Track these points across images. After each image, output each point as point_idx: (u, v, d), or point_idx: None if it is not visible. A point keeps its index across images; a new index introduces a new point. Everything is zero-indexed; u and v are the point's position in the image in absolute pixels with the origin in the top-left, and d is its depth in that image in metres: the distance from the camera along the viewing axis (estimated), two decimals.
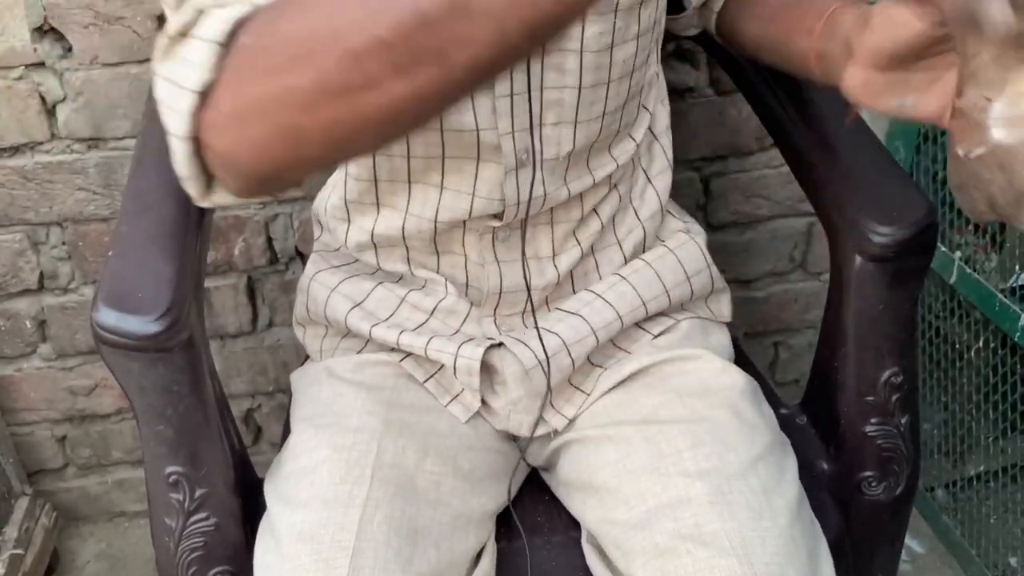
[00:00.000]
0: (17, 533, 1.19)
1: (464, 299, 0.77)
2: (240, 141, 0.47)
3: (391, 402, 0.74)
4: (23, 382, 1.24)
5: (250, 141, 0.47)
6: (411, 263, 0.78)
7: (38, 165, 1.10)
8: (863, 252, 0.74)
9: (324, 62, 0.43)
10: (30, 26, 1.02)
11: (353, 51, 0.42)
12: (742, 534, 0.63)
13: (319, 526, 0.63)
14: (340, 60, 0.43)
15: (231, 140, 0.48)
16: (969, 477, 1.27)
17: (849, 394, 0.80)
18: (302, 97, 0.44)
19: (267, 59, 0.45)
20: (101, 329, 0.66)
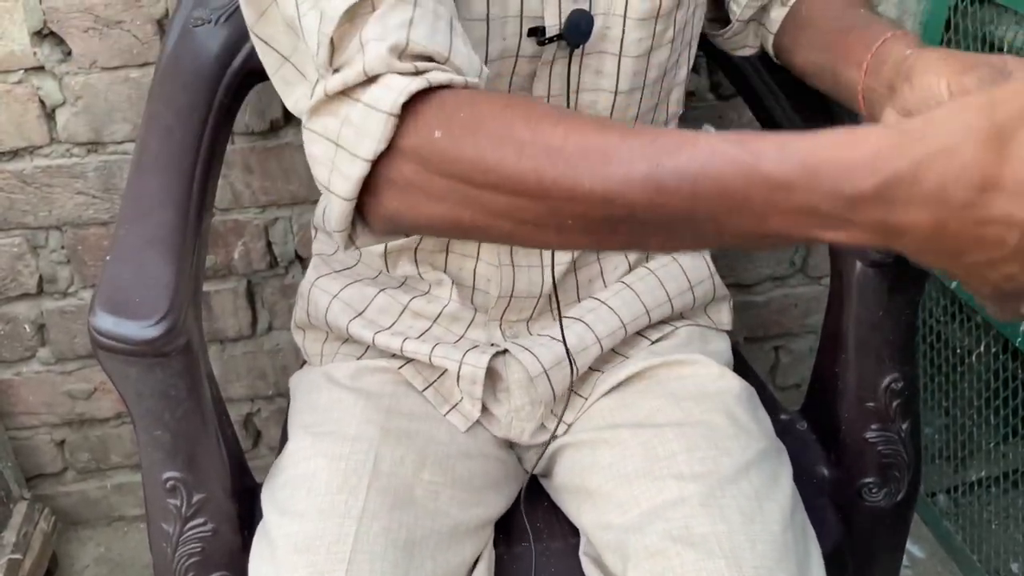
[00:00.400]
0: (16, 538, 1.19)
1: (468, 305, 0.77)
2: (412, 211, 0.50)
3: (390, 409, 0.74)
4: (22, 386, 1.24)
5: (422, 215, 0.50)
6: (418, 262, 0.77)
7: (37, 169, 1.10)
8: (863, 257, 0.74)
9: (520, 201, 0.46)
10: (29, 30, 1.01)
11: (554, 203, 0.45)
12: (732, 538, 0.63)
13: (315, 537, 0.63)
14: (534, 203, 0.46)
15: (404, 209, 0.50)
16: (970, 482, 1.27)
17: (850, 400, 0.80)
18: (485, 216, 0.48)
19: (460, 169, 0.47)
20: (98, 334, 0.65)
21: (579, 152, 0.45)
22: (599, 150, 0.44)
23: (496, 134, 0.46)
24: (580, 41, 0.64)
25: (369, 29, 0.50)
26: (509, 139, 0.46)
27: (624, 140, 0.44)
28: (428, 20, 0.52)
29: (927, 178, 0.39)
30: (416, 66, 0.49)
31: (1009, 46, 1.03)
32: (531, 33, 0.63)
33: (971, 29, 1.08)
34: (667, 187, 0.43)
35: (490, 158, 0.46)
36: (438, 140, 0.47)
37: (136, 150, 0.83)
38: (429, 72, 0.49)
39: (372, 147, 0.48)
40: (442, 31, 0.52)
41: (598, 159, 0.44)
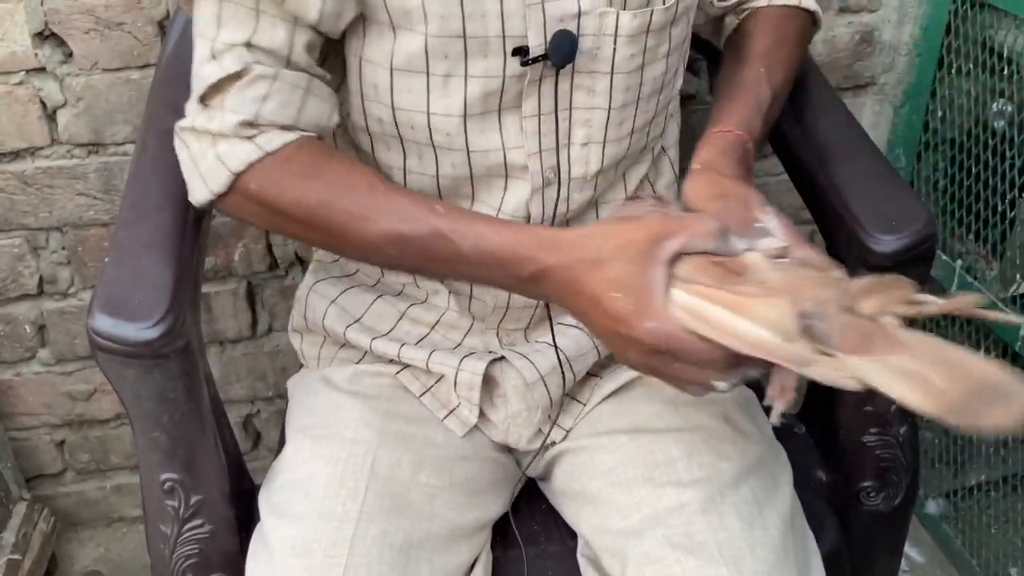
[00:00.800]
0: (15, 538, 1.19)
1: (466, 314, 0.77)
2: (243, 218, 0.70)
3: (387, 413, 0.74)
4: (22, 387, 1.24)
5: (251, 221, 0.69)
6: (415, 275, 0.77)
7: (38, 170, 1.10)
8: (863, 261, 0.74)
9: (317, 235, 0.67)
10: (31, 31, 1.02)
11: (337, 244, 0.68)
12: (732, 544, 0.63)
13: (312, 540, 0.63)
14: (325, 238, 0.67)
15: (238, 216, 0.70)
16: (970, 486, 1.26)
17: (848, 404, 0.80)
18: (296, 236, 0.70)
19: (271, 208, 0.66)
20: (96, 335, 0.66)
21: (353, 214, 0.63)
22: (363, 212, 0.63)
23: (299, 190, 0.64)
24: (564, 62, 0.64)
25: (230, 99, 0.64)
26: (308, 194, 0.64)
27: (381, 200, 0.63)
28: (283, 95, 0.65)
29: (561, 277, 0.59)
30: (254, 135, 0.65)
31: (1009, 50, 1.03)
32: (515, 53, 0.63)
33: (971, 33, 1.08)
34: (404, 247, 0.62)
35: (290, 208, 0.65)
36: (258, 190, 0.65)
37: (136, 151, 0.83)
38: (268, 139, 0.65)
39: (216, 188, 0.66)
40: (294, 103, 0.66)
41: (362, 218, 0.63)
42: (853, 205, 0.75)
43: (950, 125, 1.16)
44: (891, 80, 1.22)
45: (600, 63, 0.66)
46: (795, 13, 0.82)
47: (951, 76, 1.14)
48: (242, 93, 0.64)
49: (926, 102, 1.18)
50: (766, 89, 0.74)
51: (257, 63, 0.64)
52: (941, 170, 1.20)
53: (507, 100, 0.66)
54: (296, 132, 0.65)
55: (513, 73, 0.64)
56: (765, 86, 0.75)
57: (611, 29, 0.65)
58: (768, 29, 0.80)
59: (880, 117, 1.24)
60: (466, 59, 0.64)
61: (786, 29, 0.81)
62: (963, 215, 1.15)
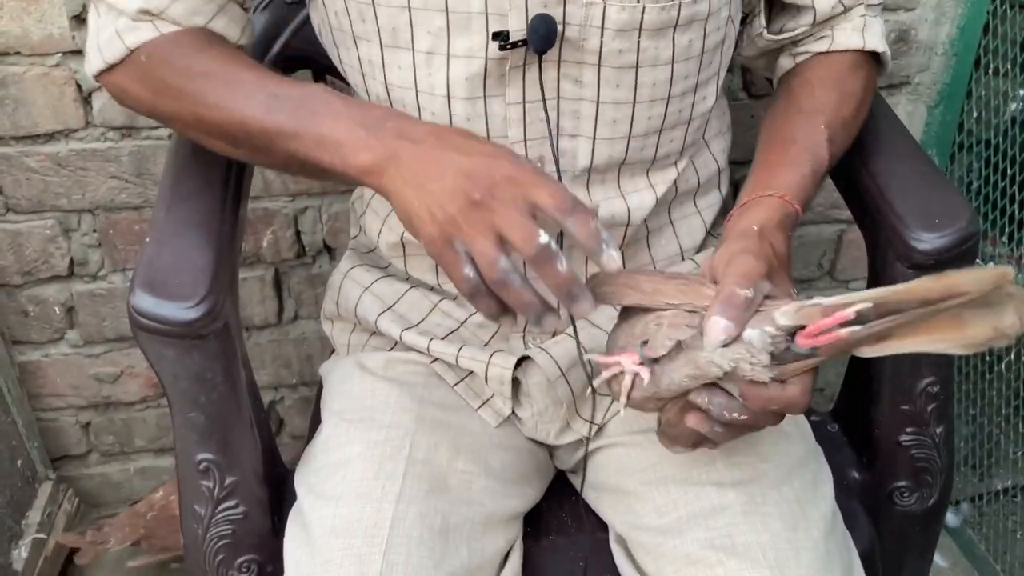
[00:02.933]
0: (40, 517, 1.20)
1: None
2: (122, 95, 0.73)
3: (423, 399, 0.74)
4: (50, 368, 1.25)
5: (129, 99, 0.73)
6: (439, 273, 0.77)
7: (72, 152, 1.10)
8: (904, 259, 0.73)
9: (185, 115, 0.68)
10: (69, 14, 1.02)
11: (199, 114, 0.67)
12: (776, 546, 0.62)
13: (352, 521, 0.63)
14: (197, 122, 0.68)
15: (117, 92, 0.73)
16: (995, 491, 1.26)
17: (884, 403, 0.79)
18: (170, 118, 0.71)
19: (152, 81, 0.69)
20: (137, 314, 0.66)
21: (232, 78, 0.65)
22: (239, 79, 0.65)
23: (185, 61, 0.67)
24: (543, 47, 0.63)
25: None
26: (194, 65, 0.67)
27: (260, 71, 0.66)
28: (195, 2, 0.68)
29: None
30: (156, 21, 0.68)
31: None
32: (495, 37, 0.63)
33: (1009, 33, 1.07)
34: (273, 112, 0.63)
35: (174, 76, 0.67)
36: (147, 62, 0.68)
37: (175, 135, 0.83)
38: (167, 25, 0.68)
39: (109, 58, 0.70)
40: (203, 13, 0.69)
41: (237, 82, 0.65)
42: (895, 202, 0.75)
43: (985, 126, 1.14)
44: (926, 80, 1.21)
45: (587, 54, 0.65)
46: (862, 62, 0.76)
47: (987, 76, 1.12)
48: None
49: (961, 102, 1.17)
50: (824, 154, 0.69)
51: None
52: (975, 171, 1.19)
53: (491, 85, 0.65)
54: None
55: (495, 56, 0.64)
56: (824, 151, 0.69)
57: (598, 21, 0.63)
58: (832, 83, 0.74)
59: (913, 117, 1.23)
60: (448, 35, 0.64)
61: (853, 84, 0.75)
62: (996, 217, 1.14)
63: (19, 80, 1.05)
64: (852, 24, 0.76)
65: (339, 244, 1.21)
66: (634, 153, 0.70)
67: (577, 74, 0.66)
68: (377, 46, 0.67)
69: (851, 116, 0.74)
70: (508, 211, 0.54)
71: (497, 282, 0.54)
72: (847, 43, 0.76)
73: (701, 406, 0.57)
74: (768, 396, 0.55)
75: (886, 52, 0.78)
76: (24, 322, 1.20)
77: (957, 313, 0.52)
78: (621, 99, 0.67)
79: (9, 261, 1.15)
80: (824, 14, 0.75)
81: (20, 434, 1.21)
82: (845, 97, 0.74)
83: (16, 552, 1.16)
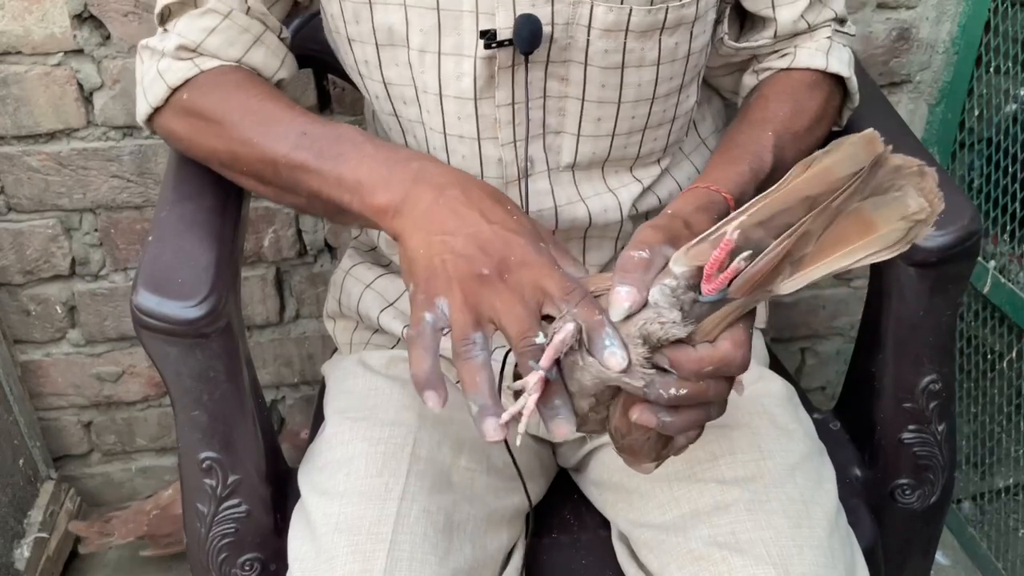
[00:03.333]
0: (42, 517, 1.20)
1: None
2: (171, 136, 0.74)
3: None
4: (52, 367, 1.25)
5: (173, 138, 0.74)
6: None
7: (73, 151, 1.10)
8: (906, 257, 0.73)
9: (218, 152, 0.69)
10: (70, 13, 1.02)
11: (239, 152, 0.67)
12: (780, 543, 0.62)
13: (356, 518, 0.63)
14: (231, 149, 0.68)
15: (166, 133, 0.74)
16: (997, 489, 1.25)
17: (886, 400, 0.79)
18: (210, 154, 0.71)
19: (195, 119, 0.70)
20: (141, 313, 0.66)
21: (264, 115, 0.66)
22: (273, 116, 0.66)
23: (223, 99, 0.68)
24: (529, 48, 0.63)
25: (181, 23, 0.70)
26: (230, 102, 0.68)
27: (292, 111, 0.66)
28: (230, 33, 0.70)
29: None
30: (196, 57, 0.70)
31: None
32: (483, 35, 0.63)
33: (1011, 31, 1.07)
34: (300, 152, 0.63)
35: (212, 112, 0.68)
36: (189, 99, 0.70)
37: None
38: (206, 60, 0.70)
39: (153, 101, 0.71)
40: (240, 45, 0.70)
41: (273, 120, 0.65)
42: None
43: (987, 124, 1.15)
44: (927, 78, 1.21)
45: (573, 52, 0.65)
46: (821, 82, 0.74)
47: (989, 74, 1.12)
48: (193, 21, 0.69)
49: (962, 100, 1.17)
50: (768, 158, 0.67)
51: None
52: (977, 169, 1.19)
53: (481, 87, 0.66)
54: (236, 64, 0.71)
55: (484, 55, 0.64)
56: (768, 155, 0.67)
57: (585, 20, 0.64)
58: (786, 96, 0.73)
59: (915, 115, 1.23)
60: (439, 33, 0.64)
61: (809, 101, 0.73)
62: (998, 215, 1.14)
63: (21, 79, 1.05)
64: (816, 44, 0.75)
65: (340, 243, 1.21)
66: (617, 150, 0.71)
67: (564, 72, 0.66)
68: (372, 47, 0.68)
69: (803, 130, 0.71)
70: (512, 300, 0.53)
71: (461, 351, 0.53)
72: (808, 62, 0.74)
73: (634, 390, 0.52)
74: (698, 358, 0.51)
75: (851, 79, 0.76)
76: (26, 321, 1.20)
77: (861, 216, 0.47)
78: (606, 98, 0.68)
79: (11, 260, 1.15)
80: (786, 28, 0.74)
81: (22, 433, 1.21)
82: (799, 111, 0.72)
83: (18, 551, 1.16)
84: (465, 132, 0.68)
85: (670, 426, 0.53)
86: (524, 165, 0.68)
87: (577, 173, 0.71)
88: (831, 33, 0.75)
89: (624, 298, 0.51)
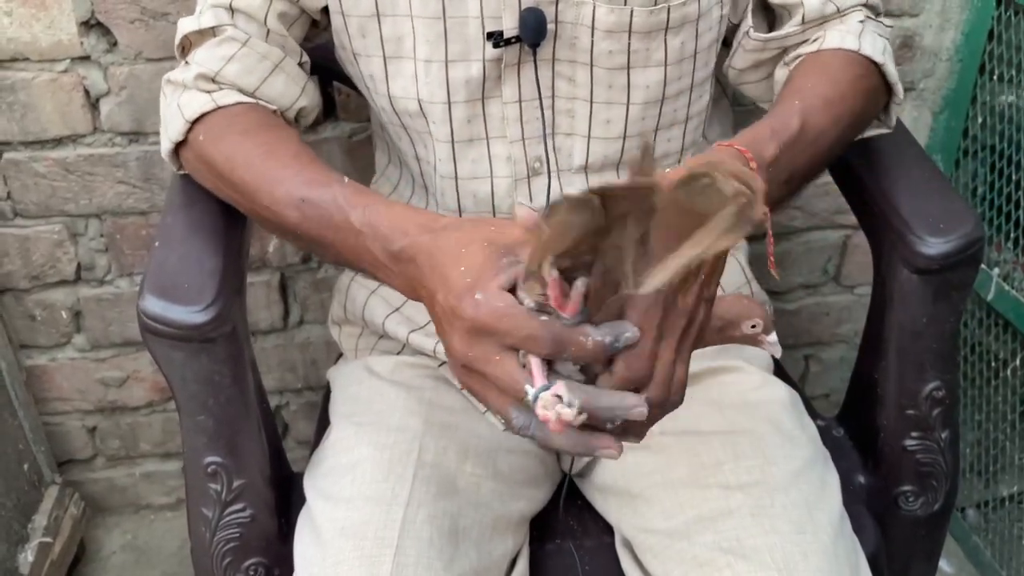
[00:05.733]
0: (47, 521, 1.20)
1: None
2: (195, 173, 0.74)
3: (431, 403, 0.74)
4: (56, 372, 1.25)
5: (197, 176, 0.74)
6: None
7: (79, 157, 1.11)
8: (909, 264, 0.73)
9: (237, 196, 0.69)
10: (78, 20, 1.03)
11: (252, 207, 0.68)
12: (784, 549, 0.62)
13: (362, 523, 0.63)
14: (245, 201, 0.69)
15: (190, 169, 0.74)
16: (1001, 497, 1.25)
17: (889, 407, 0.79)
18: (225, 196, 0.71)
19: (207, 163, 0.70)
20: (147, 317, 0.66)
21: (268, 175, 0.65)
22: (276, 174, 0.64)
23: (232, 147, 0.67)
24: (535, 40, 0.64)
25: (200, 53, 0.70)
26: (238, 152, 0.67)
27: (296, 165, 0.65)
28: (248, 61, 0.69)
29: (426, 255, 0.55)
30: (212, 90, 0.69)
31: None
32: (489, 37, 0.64)
33: (1014, 39, 1.07)
34: (305, 211, 0.63)
35: (221, 164, 0.68)
36: (203, 142, 0.69)
37: None
38: (224, 95, 0.69)
39: (173, 136, 0.71)
40: (258, 72, 0.70)
41: (275, 180, 0.64)
42: (901, 208, 0.75)
43: (990, 132, 1.15)
44: (930, 86, 1.21)
45: (579, 53, 0.66)
46: (852, 61, 0.69)
47: (992, 82, 1.13)
48: (211, 50, 0.69)
49: (966, 108, 1.17)
50: (794, 122, 0.62)
51: (233, 25, 0.68)
52: (980, 177, 1.19)
53: (489, 87, 0.66)
54: (253, 99, 0.70)
55: (491, 57, 0.65)
56: (795, 119, 0.62)
57: (588, 20, 0.64)
58: (815, 70, 0.69)
59: (918, 123, 1.23)
60: (446, 41, 0.65)
61: (839, 73, 0.68)
62: (1002, 223, 1.14)
63: (28, 86, 1.05)
64: (847, 27, 0.71)
65: None
66: (630, 153, 0.71)
67: (571, 73, 0.67)
68: (379, 60, 0.68)
69: (836, 97, 0.66)
70: (493, 373, 0.50)
71: (517, 430, 0.50)
72: (839, 43, 0.70)
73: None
74: (606, 393, 0.48)
75: (887, 66, 0.71)
76: (31, 326, 1.21)
77: (685, 209, 0.44)
78: (614, 100, 0.68)
79: (17, 265, 1.16)
80: (814, 11, 0.70)
81: (27, 438, 1.21)
82: (829, 81, 0.67)
83: (22, 556, 1.16)
84: (474, 135, 0.68)
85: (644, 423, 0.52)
86: (537, 165, 0.69)
87: (591, 175, 0.71)
88: (863, 18, 0.72)
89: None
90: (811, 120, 0.63)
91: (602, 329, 0.48)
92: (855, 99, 0.68)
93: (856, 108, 0.69)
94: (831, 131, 0.65)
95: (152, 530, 1.36)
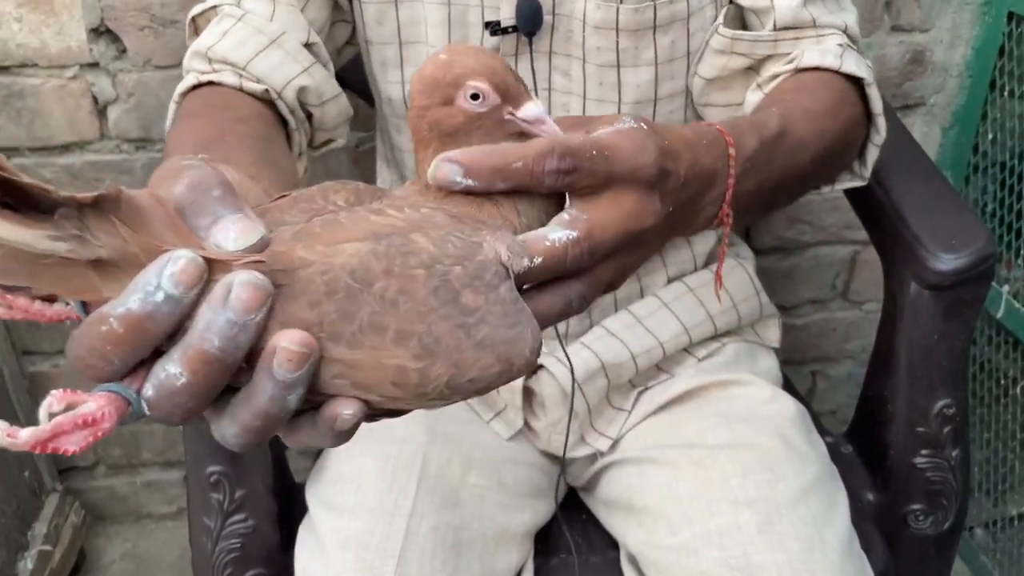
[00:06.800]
0: (47, 529, 1.19)
1: None
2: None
3: (436, 413, 0.73)
4: (59, 378, 1.24)
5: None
6: None
7: (86, 164, 1.11)
8: (920, 280, 0.73)
9: None
10: (87, 26, 1.03)
11: None
12: (792, 567, 0.61)
13: (365, 533, 0.63)
14: None
15: None
16: (1010, 517, 1.24)
17: (899, 424, 0.78)
18: None
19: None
20: None
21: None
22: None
23: (174, 139, 0.62)
24: (531, 28, 0.64)
25: (203, 34, 0.68)
26: (172, 142, 0.61)
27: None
28: (241, 34, 0.65)
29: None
30: (204, 70, 0.66)
31: None
32: (487, 26, 0.65)
33: None
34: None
35: (168, 154, 0.61)
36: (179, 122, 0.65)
37: None
38: (205, 69, 0.66)
39: (169, 118, 0.68)
40: (250, 45, 0.65)
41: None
42: (912, 223, 0.74)
43: (1000, 148, 1.14)
44: (940, 101, 1.20)
45: (573, 47, 0.67)
46: (833, 81, 0.64)
47: (1003, 98, 1.12)
48: (211, 28, 0.68)
49: (976, 124, 1.16)
50: (773, 122, 0.56)
51: (235, 4, 0.67)
52: (990, 193, 1.18)
53: None
54: (238, 78, 0.63)
55: (490, 45, 0.66)
56: (774, 120, 0.56)
57: (580, 14, 0.65)
58: (793, 87, 0.64)
59: (928, 138, 1.23)
60: (449, 27, 0.66)
61: (819, 91, 0.63)
62: (1012, 240, 1.13)
63: (36, 92, 1.05)
64: (826, 47, 0.65)
65: None
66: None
67: (566, 67, 0.67)
68: (394, 47, 0.69)
69: (818, 110, 0.61)
70: None
71: None
72: (818, 61, 0.64)
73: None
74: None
75: (872, 87, 0.65)
76: (34, 332, 1.20)
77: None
78: (606, 98, 0.68)
79: None
80: (786, 17, 0.65)
81: None
82: (807, 94, 0.62)
83: (22, 563, 1.15)
84: None
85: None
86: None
87: None
88: (843, 42, 0.66)
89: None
90: (790, 125, 0.57)
91: None
92: (835, 120, 0.62)
93: (838, 129, 0.62)
94: (812, 145, 0.59)
95: (153, 539, 1.35)
